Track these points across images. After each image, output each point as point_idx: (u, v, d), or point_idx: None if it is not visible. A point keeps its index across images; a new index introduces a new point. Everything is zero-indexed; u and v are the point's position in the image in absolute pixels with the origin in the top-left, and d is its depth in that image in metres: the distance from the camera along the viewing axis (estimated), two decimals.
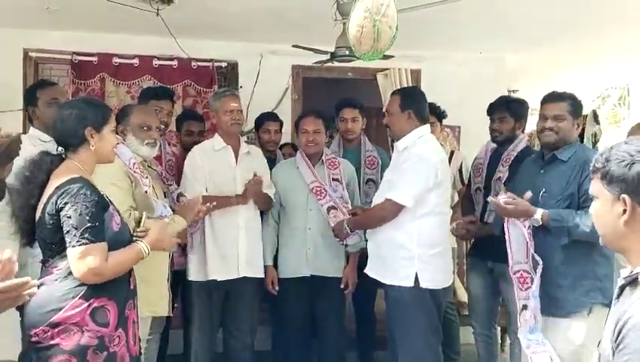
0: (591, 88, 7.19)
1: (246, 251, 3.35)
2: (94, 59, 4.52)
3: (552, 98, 2.83)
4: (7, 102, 4.12)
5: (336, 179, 3.50)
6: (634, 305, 1.26)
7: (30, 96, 3.14)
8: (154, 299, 2.87)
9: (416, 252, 2.94)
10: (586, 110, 5.14)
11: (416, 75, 5.11)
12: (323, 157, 3.53)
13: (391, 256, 3.01)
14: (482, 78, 5.03)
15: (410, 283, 2.92)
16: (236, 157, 3.42)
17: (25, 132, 4.46)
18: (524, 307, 2.70)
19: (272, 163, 3.90)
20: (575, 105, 2.80)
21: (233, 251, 3.34)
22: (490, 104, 3.60)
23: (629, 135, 3.46)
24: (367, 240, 3.24)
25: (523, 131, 3.62)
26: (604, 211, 1.42)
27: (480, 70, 5.11)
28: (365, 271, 3.19)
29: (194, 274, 3.36)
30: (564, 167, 2.71)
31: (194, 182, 3.32)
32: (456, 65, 5.12)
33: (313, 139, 3.46)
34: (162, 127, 3.33)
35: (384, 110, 3.26)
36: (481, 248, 3.53)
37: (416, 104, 3.12)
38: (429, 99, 5.09)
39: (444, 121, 4.47)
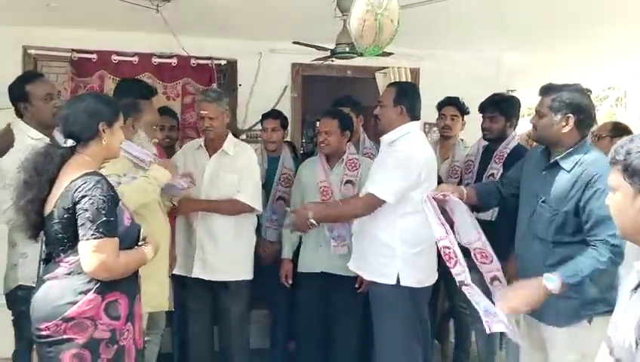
0: (588, 86, 7.20)
1: (202, 254, 3.37)
2: (94, 56, 4.51)
3: (540, 91, 2.64)
4: (6, 99, 4.10)
5: (350, 182, 3.48)
6: None
7: (19, 91, 2.93)
8: (153, 293, 2.87)
9: (399, 250, 2.93)
10: None
11: (415, 73, 5.14)
12: (344, 157, 3.54)
13: (373, 253, 3.00)
14: (481, 77, 5.03)
15: (392, 281, 2.92)
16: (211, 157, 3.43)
17: None
18: (495, 278, 2.66)
19: (275, 161, 3.93)
20: (556, 99, 2.51)
21: (189, 251, 3.40)
22: (481, 103, 3.67)
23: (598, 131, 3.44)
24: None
25: (514, 129, 3.67)
26: (624, 204, 1.41)
27: (479, 69, 5.13)
28: (347, 264, 3.19)
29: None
30: (565, 177, 2.49)
31: None
32: (455, 64, 5.13)
33: (324, 140, 3.48)
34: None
35: (378, 100, 3.22)
36: None
37: (410, 101, 3.08)
38: (428, 98, 5.10)
39: None
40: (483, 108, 3.64)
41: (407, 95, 3.09)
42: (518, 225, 2.75)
